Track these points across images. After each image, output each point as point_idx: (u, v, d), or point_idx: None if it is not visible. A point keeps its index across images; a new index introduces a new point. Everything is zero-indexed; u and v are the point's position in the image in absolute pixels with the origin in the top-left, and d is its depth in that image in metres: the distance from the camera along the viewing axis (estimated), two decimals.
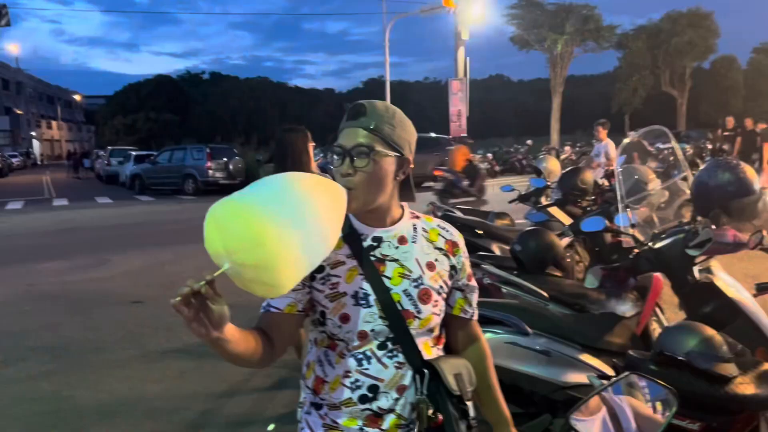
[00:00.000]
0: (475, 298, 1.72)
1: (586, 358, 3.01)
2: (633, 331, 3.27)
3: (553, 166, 7.58)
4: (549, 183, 6.60)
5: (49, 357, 5.27)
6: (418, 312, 1.54)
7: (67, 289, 7.80)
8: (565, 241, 4.91)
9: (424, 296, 1.56)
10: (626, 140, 4.15)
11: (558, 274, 4.07)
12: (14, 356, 5.30)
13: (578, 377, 2.93)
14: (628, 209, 3.73)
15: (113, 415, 4.13)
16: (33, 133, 69.24)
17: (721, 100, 46.45)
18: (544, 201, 6.74)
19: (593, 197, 5.77)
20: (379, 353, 1.53)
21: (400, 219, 1.63)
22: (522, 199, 7.08)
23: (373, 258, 1.55)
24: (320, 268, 1.53)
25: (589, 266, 4.92)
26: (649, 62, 36.51)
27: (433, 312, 1.58)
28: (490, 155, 26.67)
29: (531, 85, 68.89)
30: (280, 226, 1.22)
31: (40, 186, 29.15)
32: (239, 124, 52.00)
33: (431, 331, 1.61)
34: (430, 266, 1.60)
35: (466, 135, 22.22)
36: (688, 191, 4.03)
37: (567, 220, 5.88)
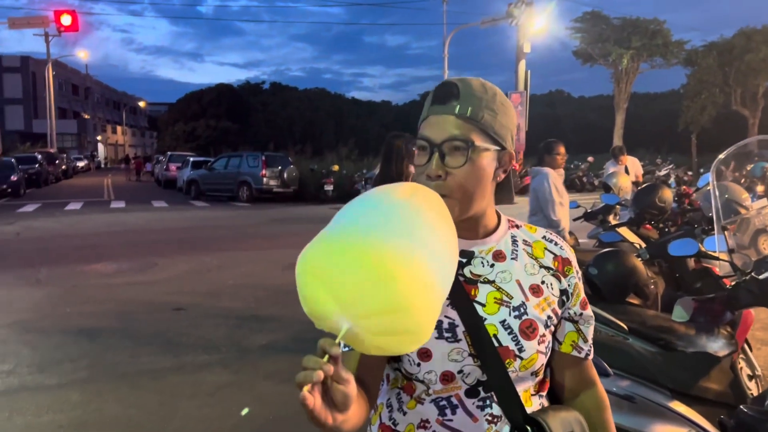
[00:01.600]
0: (590, 331, 1.32)
1: (678, 406, 2.53)
2: (733, 377, 2.77)
3: (623, 183, 7.02)
4: (622, 200, 6.07)
5: (84, 363, 5.04)
6: (520, 350, 1.18)
7: (111, 292, 7.65)
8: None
9: (528, 329, 1.20)
10: (721, 155, 3.63)
11: (637, 302, 3.58)
12: (49, 361, 5.10)
13: (669, 430, 2.46)
14: (725, 231, 3.21)
15: None
16: (98, 137, 71.48)
17: None
18: (612, 220, 6.23)
19: (673, 218, 5.23)
20: (468, 402, 1.20)
21: (495, 229, 1.27)
22: (588, 216, 6.58)
23: (461, 278, 1.22)
24: None
25: (663, 294, 4.40)
26: (719, 80, 34.98)
27: (539, 350, 1.20)
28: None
29: (592, 101, 67.50)
30: (403, 253, 0.92)
31: (101, 188, 29.80)
32: (296, 134, 52.45)
33: (535, 374, 1.23)
34: (536, 290, 1.23)
35: (518, 151, 21.69)
36: None
37: (638, 242, 5.37)
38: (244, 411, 3.43)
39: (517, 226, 1.33)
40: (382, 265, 0.91)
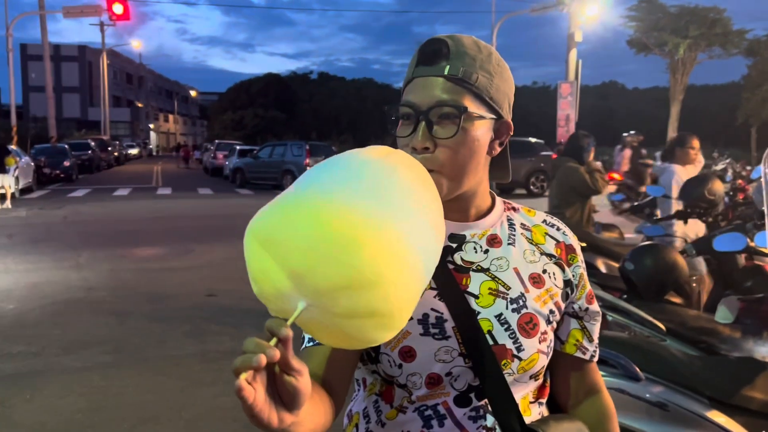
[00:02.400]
0: (596, 329, 1.15)
1: (716, 416, 2.29)
2: None
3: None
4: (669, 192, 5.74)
5: (110, 347, 5.03)
6: (518, 348, 1.02)
7: (146, 276, 7.69)
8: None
9: (528, 325, 1.03)
10: None
11: (677, 301, 3.32)
12: (76, 344, 5.10)
13: None
14: None
15: (155, 421, 3.75)
16: (151, 125, 73.13)
17: None
18: (659, 213, 5.90)
19: (724, 212, 4.90)
20: (458, 411, 1.02)
21: (489, 211, 1.10)
22: (634, 210, 6.25)
23: (450, 265, 1.05)
24: None
25: (711, 293, 4.11)
26: None
27: (540, 350, 1.03)
28: (599, 163, 25.26)
29: (647, 93, 65.72)
30: (372, 215, 0.75)
31: (150, 175, 30.38)
32: (342, 124, 52.63)
33: (534, 378, 1.06)
34: (536, 281, 1.06)
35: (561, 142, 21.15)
36: None
37: (685, 236, 5.05)
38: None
39: (514, 209, 1.15)
40: (345, 229, 0.73)
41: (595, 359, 1.16)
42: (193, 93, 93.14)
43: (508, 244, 1.09)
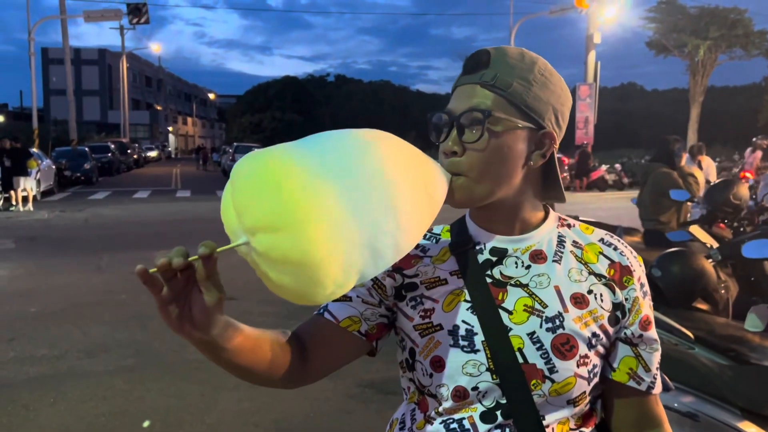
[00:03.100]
0: (656, 358, 1.09)
1: (748, 427, 2.25)
2: None
3: (698, 177, 6.58)
4: (694, 197, 5.67)
5: (132, 351, 5.06)
6: (551, 370, 0.98)
7: None
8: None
9: (564, 347, 0.99)
10: None
11: (705, 308, 3.27)
12: (98, 347, 5.14)
13: None
14: None
15: (178, 425, 3.77)
16: (169, 128, 73.73)
17: None
18: (682, 217, 5.83)
19: (749, 216, 4.83)
20: (482, 427, 1.00)
21: (538, 225, 1.08)
22: None
23: (489, 279, 1.04)
24: (413, 285, 1.07)
25: (737, 299, 4.05)
26: None
27: (578, 374, 0.99)
28: (618, 166, 25.01)
29: (666, 94, 65.21)
30: (307, 168, 0.81)
31: (169, 177, 30.62)
32: (359, 126, 52.60)
33: (573, 403, 1.01)
34: (579, 301, 1.02)
35: (587, 143, 20.97)
36: None
37: (710, 242, 4.98)
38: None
39: (569, 225, 1.11)
40: (278, 175, 0.79)
41: (654, 391, 1.09)
42: (211, 96, 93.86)
43: (553, 261, 1.05)
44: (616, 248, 1.08)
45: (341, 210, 0.80)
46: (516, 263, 1.05)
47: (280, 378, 1.02)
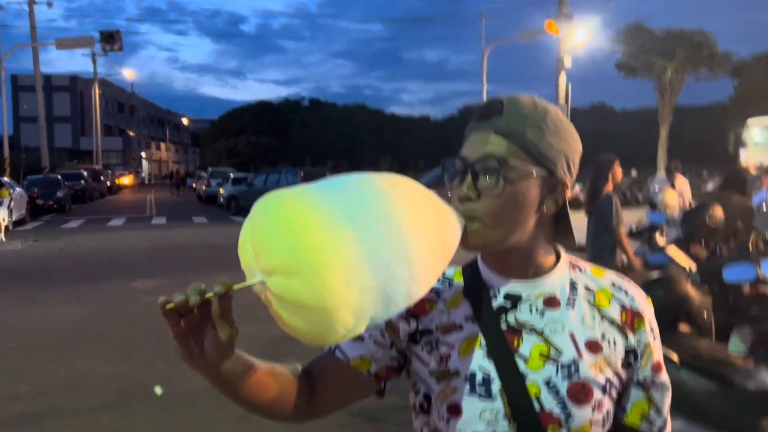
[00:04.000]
0: (667, 401, 1.11)
1: None
2: None
3: (670, 199, 6.74)
4: (669, 218, 5.81)
5: (116, 386, 4.99)
6: (567, 417, 0.99)
7: (148, 310, 7.61)
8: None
9: (579, 393, 1.00)
10: None
11: (689, 331, 3.35)
12: (81, 383, 5.07)
13: None
14: None
15: None
16: (143, 154, 73.07)
17: None
18: (658, 238, 5.96)
19: (725, 237, 4.96)
20: None
21: (551, 270, 1.09)
22: (633, 235, 6.32)
23: (504, 326, 1.05)
24: (427, 331, 1.08)
25: (716, 321, 4.14)
26: (767, 92, 34.06)
27: (593, 420, 1.01)
28: None
29: (635, 115, 66.22)
30: (327, 215, 0.83)
31: (144, 204, 30.32)
32: (335, 150, 52.79)
33: None
34: (593, 347, 1.04)
35: None
36: None
37: (688, 263, 5.09)
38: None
39: (581, 269, 1.13)
40: (296, 219, 0.82)
41: None
42: (184, 120, 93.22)
43: (567, 306, 1.07)
44: (627, 293, 1.10)
45: (357, 258, 0.82)
46: (530, 309, 1.06)
47: (288, 413, 1.05)
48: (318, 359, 1.12)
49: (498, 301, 1.07)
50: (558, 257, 1.12)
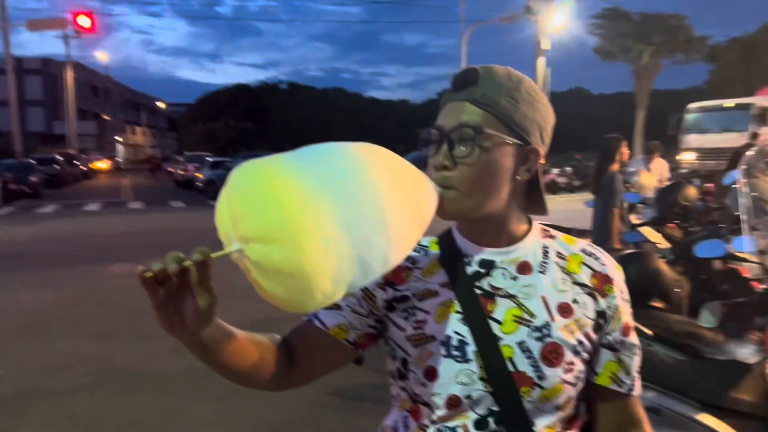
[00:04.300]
0: (636, 362, 1.15)
1: (706, 419, 2.38)
2: (766, 387, 2.61)
3: (645, 181, 6.84)
4: (644, 199, 5.89)
5: (95, 367, 4.98)
6: (540, 377, 1.03)
7: (125, 294, 7.58)
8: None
9: (551, 354, 1.04)
10: (750, 151, 3.46)
11: (662, 306, 3.42)
12: (59, 365, 5.04)
13: None
14: (755, 231, 3.05)
15: None
16: (118, 138, 72.09)
17: None
18: (634, 219, 6.05)
19: (697, 217, 5.05)
20: None
21: (523, 237, 1.13)
22: None
23: (478, 291, 1.09)
24: (404, 298, 1.11)
25: (689, 297, 4.23)
26: (742, 76, 34.48)
27: (565, 379, 1.05)
28: (569, 169, 25.57)
29: (612, 98, 66.81)
30: (302, 181, 0.84)
31: (120, 189, 29.99)
32: (314, 133, 52.55)
33: (559, 408, 1.07)
34: (565, 310, 1.07)
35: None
36: None
37: (661, 242, 5.19)
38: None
39: (552, 237, 1.16)
40: (274, 187, 0.82)
41: (635, 393, 1.15)
42: (161, 104, 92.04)
43: (539, 272, 1.10)
44: (597, 258, 1.14)
45: (333, 224, 0.83)
46: (504, 275, 1.09)
47: (267, 380, 1.07)
48: (297, 329, 1.14)
49: (472, 268, 1.10)
50: (530, 225, 1.15)
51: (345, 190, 0.86)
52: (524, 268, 1.10)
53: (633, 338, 1.14)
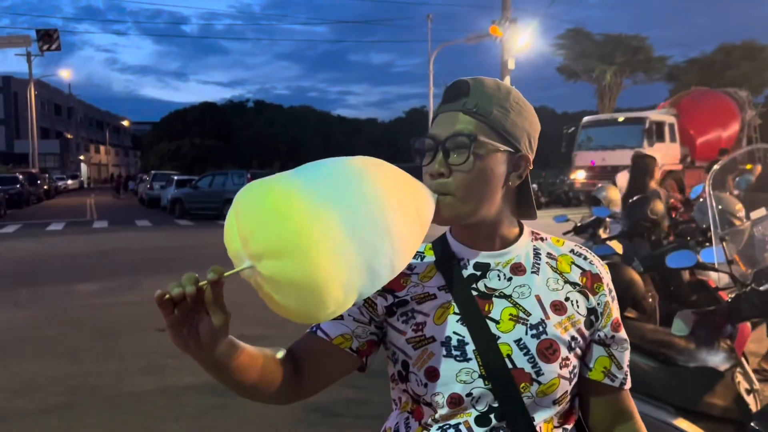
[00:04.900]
0: (625, 357, 1.20)
1: (682, 423, 2.45)
2: (737, 391, 2.69)
3: (613, 195, 6.97)
4: (613, 213, 6.01)
5: (65, 388, 4.87)
6: (538, 373, 1.07)
7: (94, 313, 7.47)
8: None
9: (548, 351, 1.08)
10: (716, 166, 3.58)
11: (635, 316, 3.50)
12: (27, 386, 4.92)
13: None
14: (723, 242, 3.15)
15: None
16: (81, 157, 70.90)
17: None
18: (602, 233, 6.16)
19: (665, 231, 5.17)
20: (478, 430, 1.08)
21: (515, 240, 1.17)
22: (578, 230, 6.49)
23: (475, 292, 1.13)
24: (402, 302, 1.15)
25: (659, 308, 4.34)
26: None
27: (561, 375, 1.09)
28: (535, 186, 25.92)
29: (576, 117, 67.99)
30: (316, 203, 0.87)
31: (84, 208, 29.45)
32: (282, 152, 52.42)
33: (557, 402, 1.11)
34: (558, 308, 1.12)
35: None
36: None
37: (630, 255, 5.30)
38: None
39: (542, 239, 1.22)
40: (282, 203, 0.86)
41: (626, 386, 1.19)
42: (125, 123, 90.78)
43: (532, 272, 1.14)
44: (585, 258, 1.19)
45: (342, 234, 0.87)
46: (499, 276, 1.14)
47: (276, 393, 1.08)
48: (301, 341, 1.17)
49: (468, 271, 1.14)
50: (521, 229, 1.20)
51: (350, 201, 0.90)
52: (517, 269, 1.15)
53: (623, 333, 1.19)
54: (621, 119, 19.79)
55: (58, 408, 4.46)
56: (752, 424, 1.96)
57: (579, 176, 19.90)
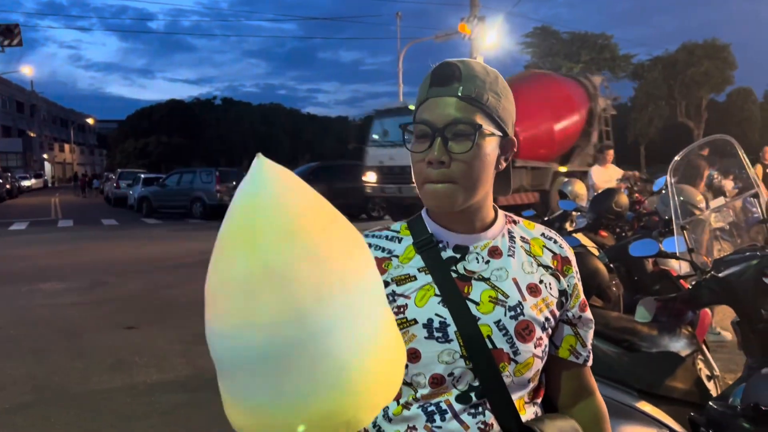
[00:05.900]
0: (590, 336, 1.24)
1: (644, 406, 2.52)
2: (697, 375, 2.77)
3: (579, 190, 7.09)
4: (578, 207, 6.12)
5: (30, 387, 4.79)
6: (515, 353, 1.11)
7: (60, 312, 7.34)
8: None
9: (524, 331, 1.12)
10: (677, 157, 3.66)
11: (600, 304, 3.58)
12: None
13: (637, 430, 2.44)
14: (684, 231, 3.23)
15: None
16: (45, 156, 69.51)
17: (736, 133, 45.80)
18: (568, 226, 6.26)
19: (629, 223, 5.28)
20: (458, 407, 1.11)
21: (492, 223, 1.19)
22: (545, 224, 6.60)
23: (454, 274, 1.15)
24: (384, 284, 1.10)
25: (623, 297, 4.43)
26: (665, 93, 36.22)
27: (535, 354, 1.13)
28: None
29: None
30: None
31: (48, 207, 28.91)
32: (251, 149, 51.96)
33: (530, 380, 1.15)
34: (533, 290, 1.15)
35: None
36: (760, 211, 3.54)
37: (594, 248, 5.39)
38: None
39: (515, 222, 1.24)
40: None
41: (589, 363, 1.25)
42: (90, 121, 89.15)
43: (508, 255, 1.17)
44: (555, 241, 1.23)
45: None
46: (477, 259, 1.16)
47: None
48: None
49: (447, 253, 1.16)
50: (496, 212, 1.22)
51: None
52: (494, 252, 1.17)
53: (588, 314, 1.23)
54: (412, 107, 18.01)
55: (23, 407, 4.39)
56: (710, 403, 2.02)
57: (370, 179, 15.45)
